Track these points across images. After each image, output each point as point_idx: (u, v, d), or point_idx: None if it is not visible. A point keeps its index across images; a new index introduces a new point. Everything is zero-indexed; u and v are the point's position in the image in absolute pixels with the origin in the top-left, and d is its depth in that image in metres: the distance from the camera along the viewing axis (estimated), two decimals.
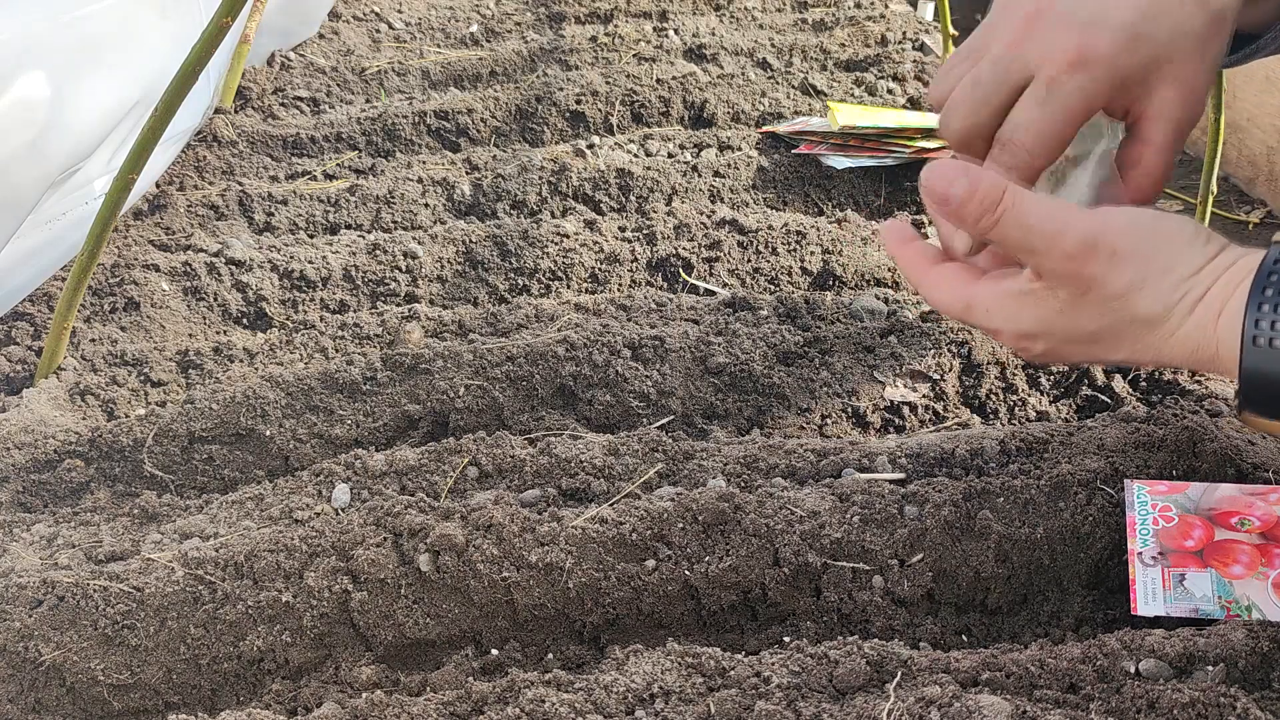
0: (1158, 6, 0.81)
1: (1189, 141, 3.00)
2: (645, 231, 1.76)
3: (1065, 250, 0.76)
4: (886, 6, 2.92)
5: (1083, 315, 0.78)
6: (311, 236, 1.86)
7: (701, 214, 1.79)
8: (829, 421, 1.36)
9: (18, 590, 1.05)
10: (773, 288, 1.70)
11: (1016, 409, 1.38)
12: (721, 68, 2.48)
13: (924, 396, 1.37)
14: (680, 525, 1.07)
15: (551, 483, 1.19)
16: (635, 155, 2.07)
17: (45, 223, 1.60)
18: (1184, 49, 0.81)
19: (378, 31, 2.90)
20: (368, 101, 2.46)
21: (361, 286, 1.71)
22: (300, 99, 2.44)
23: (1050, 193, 0.88)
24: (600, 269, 1.72)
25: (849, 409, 1.37)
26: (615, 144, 2.11)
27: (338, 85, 2.52)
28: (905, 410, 1.37)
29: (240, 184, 1.98)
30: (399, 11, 3.01)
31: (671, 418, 1.35)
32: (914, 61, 2.48)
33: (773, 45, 2.62)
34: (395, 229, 1.89)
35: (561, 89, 2.30)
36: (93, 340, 1.58)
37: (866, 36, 2.71)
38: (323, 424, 1.34)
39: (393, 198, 1.93)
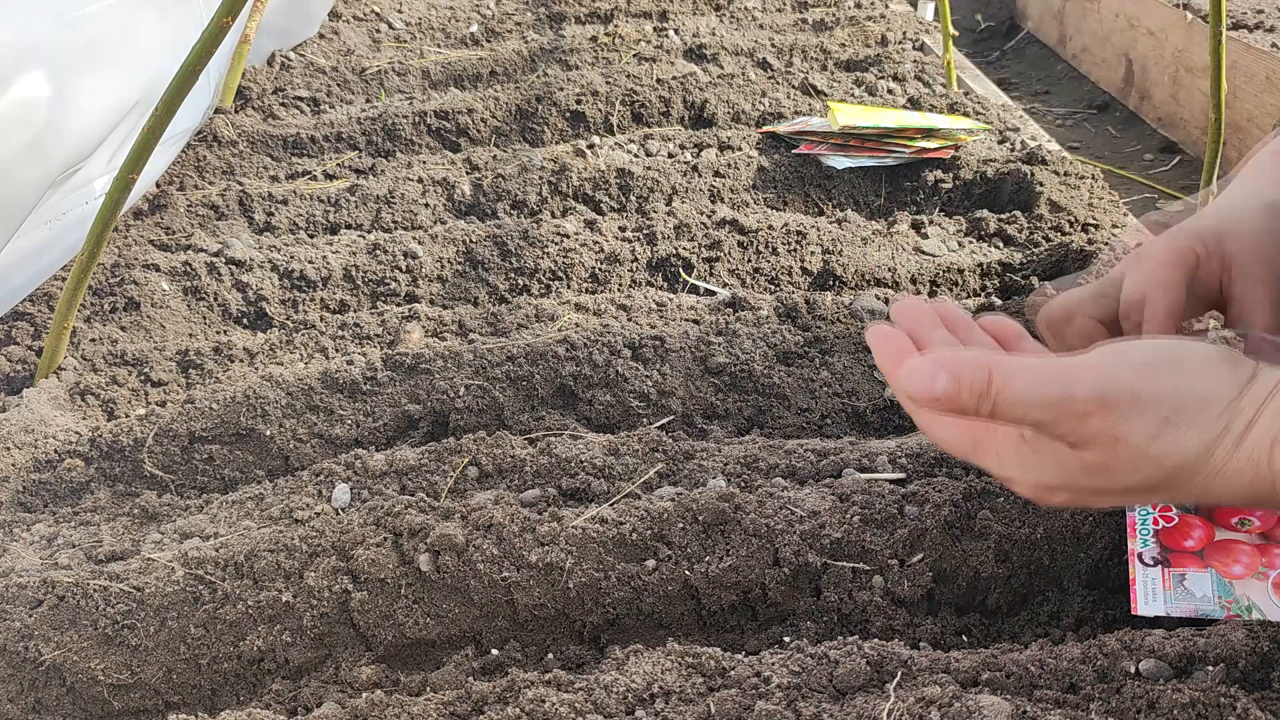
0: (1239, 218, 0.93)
1: (1189, 141, 2.99)
2: (645, 231, 1.76)
3: (1077, 411, 0.68)
4: (886, 6, 2.92)
5: (1114, 472, 0.70)
6: (312, 236, 1.86)
7: (702, 214, 1.79)
8: (829, 421, 1.36)
9: (18, 590, 1.05)
10: (773, 288, 1.70)
11: None
12: (722, 68, 2.48)
13: None
14: (680, 525, 1.07)
15: (551, 483, 1.19)
16: (635, 155, 2.07)
17: (45, 223, 1.60)
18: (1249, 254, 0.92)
19: (378, 31, 2.90)
20: (368, 101, 2.46)
21: (362, 286, 1.71)
22: (300, 99, 2.44)
23: None
24: (600, 269, 1.72)
25: (849, 409, 1.37)
26: (615, 144, 2.11)
27: (338, 85, 2.52)
28: (905, 410, 1.37)
29: (240, 184, 1.98)
30: (399, 11, 3.01)
31: (671, 418, 1.35)
32: (914, 61, 2.48)
33: (773, 45, 2.62)
34: (395, 229, 1.89)
35: (562, 89, 2.30)
36: (93, 340, 1.58)
37: (866, 36, 2.71)
38: (323, 424, 1.34)
39: (393, 198, 1.93)
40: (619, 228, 1.78)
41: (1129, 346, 0.71)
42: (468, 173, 2.01)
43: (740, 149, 2.05)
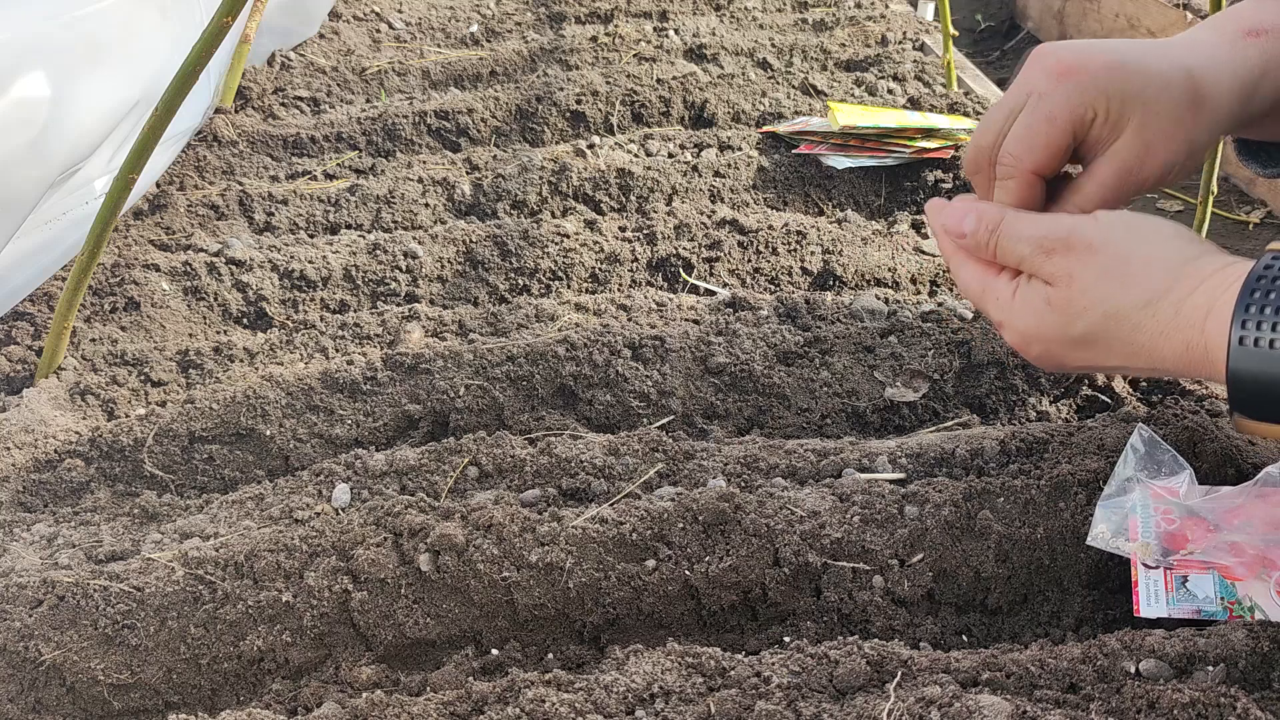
0: (1148, 58, 0.88)
1: None
2: (645, 231, 1.76)
3: (1047, 248, 0.84)
4: (886, 6, 2.92)
5: (1068, 312, 0.83)
6: (312, 236, 1.86)
7: (702, 214, 1.79)
8: (829, 421, 1.36)
9: (18, 590, 1.05)
10: (773, 288, 1.70)
11: (1016, 409, 1.38)
12: (722, 68, 2.48)
13: (924, 396, 1.37)
14: (680, 525, 1.06)
15: (552, 483, 1.19)
16: (635, 155, 2.07)
17: (45, 223, 1.60)
18: (1161, 105, 0.87)
19: (378, 31, 2.90)
20: (368, 101, 2.46)
21: (362, 286, 1.71)
22: (300, 99, 2.44)
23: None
24: (600, 269, 1.72)
25: (849, 409, 1.37)
26: (615, 144, 2.10)
27: (338, 85, 2.52)
28: (905, 410, 1.37)
29: (240, 184, 1.98)
30: (399, 11, 3.01)
31: (672, 418, 1.35)
32: (914, 61, 2.48)
33: (773, 45, 2.62)
34: (395, 229, 1.89)
35: (562, 89, 2.30)
36: (93, 340, 1.58)
37: (866, 36, 2.71)
38: (323, 424, 1.34)
39: (393, 198, 1.93)
40: (619, 228, 1.78)
41: (1103, 211, 0.85)
42: (468, 173, 2.01)
43: (740, 149, 2.05)
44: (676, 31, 2.73)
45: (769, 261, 1.71)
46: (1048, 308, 0.84)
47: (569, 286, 1.70)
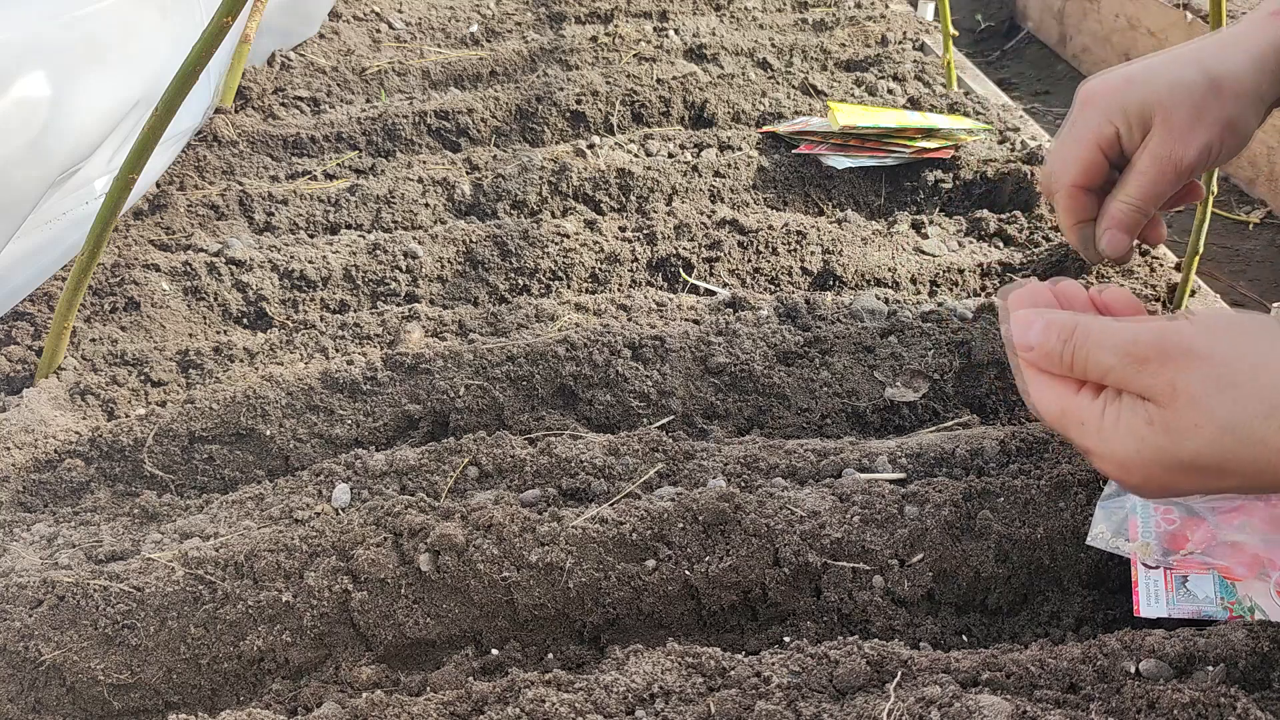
0: (1158, 63, 1.00)
1: None
2: (645, 231, 1.76)
3: (1139, 356, 0.74)
4: (886, 6, 2.92)
5: (1176, 431, 0.72)
6: (312, 236, 1.86)
7: (702, 214, 1.79)
8: (829, 421, 1.36)
9: (18, 590, 1.05)
10: (773, 288, 1.70)
11: (1016, 409, 1.38)
12: (722, 68, 2.48)
13: (924, 396, 1.37)
14: (680, 525, 1.06)
15: (552, 483, 1.19)
16: (635, 155, 2.07)
17: (45, 223, 1.60)
18: (1178, 99, 0.96)
19: (378, 31, 2.90)
20: (368, 101, 2.46)
21: (362, 286, 1.71)
22: (300, 99, 2.44)
23: None
24: (600, 269, 1.72)
25: (849, 409, 1.37)
26: (615, 144, 2.10)
27: (338, 85, 2.52)
28: (905, 410, 1.37)
29: (240, 184, 1.98)
30: (399, 11, 3.01)
31: (671, 418, 1.35)
32: (914, 61, 2.48)
33: (773, 45, 2.62)
34: (395, 229, 1.89)
35: (562, 89, 2.30)
36: (93, 340, 1.58)
37: (866, 36, 2.71)
38: (323, 424, 1.34)
39: (393, 198, 1.93)
40: (619, 228, 1.78)
41: (1199, 311, 0.80)
42: (468, 173, 2.01)
43: (740, 149, 2.05)
44: (676, 31, 2.73)
45: (769, 261, 1.71)
46: (1149, 429, 0.73)
47: (569, 286, 1.70)
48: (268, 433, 1.32)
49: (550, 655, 1.05)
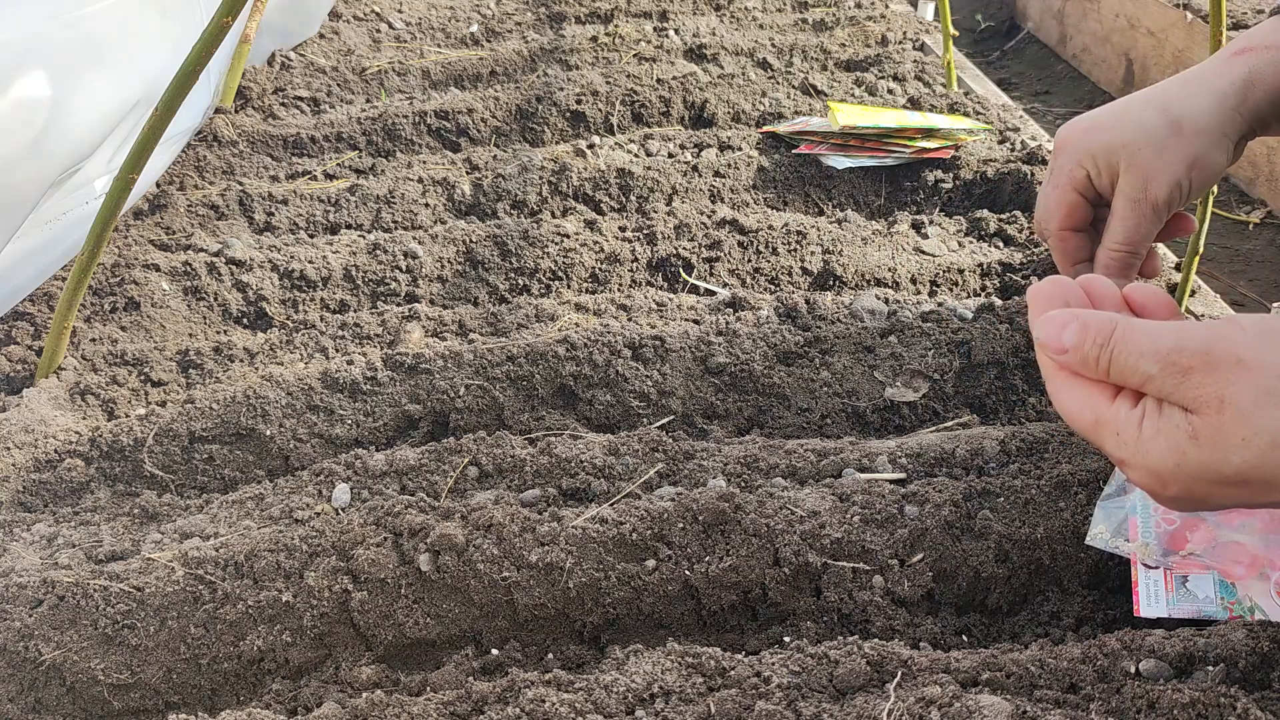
0: (1122, 107, 1.04)
1: None
2: (645, 231, 1.76)
3: (1183, 365, 0.69)
4: (886, 6, 2.92)
5: (1222, 445, 0.68)
6: (312, 236, 1.86)
7: (702, 214, 1.79)
8: (829, 421, 1.36)
9: (18, 590, 1.05)
10: (773, 288, 1.70)
11: (1016, 409, 1.38)
12: (722, 68, 2.48)
13: (924, 396, 1.37)
14: (680, 525, 1.06)
15: (552, 483, 1.19)
16: (636, 155, 2.07)
17: (45, 223, 1.60)
18: (1140, 142, 1.00)
19: (378, 31, 2.90)
20: (368, 101, 2.46)
21: (362, 286, 1.71)
22: (300, 99, 2.44)
23: None
24: (600, 269, 1.72)
25: (849, 409, 1.37)
26: (615, 144, 2.11)
27: (338, 85, 2.52)
28: (905, 410, 1.37)
29: (240, 184, 1.98)
30: (399, 11, 3.01)
31: (671, 418, 1.35)
32: (914, 61, 2.48)
33: (773, 45, 2.62)
34: (395, 229, 1.89)
35: (562, 89, 2.30)
36: (93, 340, 1.58)
37: (867, 36, 2.71)
38: (323, 424, 1.34)
39: (393, 197, 1.93)
40: (619, 228, 1.78)
41: (1244, 316, 0.72)
42: (468, 173, 2.01)
43: (740, 149, 2.05)
44: (676, 31, 2.73)
45: (769, 261, 1.71)
46: (1193, 443, 0.69)
47: (569, 286, 1.70)
48: (268, 433, 1.32)
49: (550, 655, 1.05)
